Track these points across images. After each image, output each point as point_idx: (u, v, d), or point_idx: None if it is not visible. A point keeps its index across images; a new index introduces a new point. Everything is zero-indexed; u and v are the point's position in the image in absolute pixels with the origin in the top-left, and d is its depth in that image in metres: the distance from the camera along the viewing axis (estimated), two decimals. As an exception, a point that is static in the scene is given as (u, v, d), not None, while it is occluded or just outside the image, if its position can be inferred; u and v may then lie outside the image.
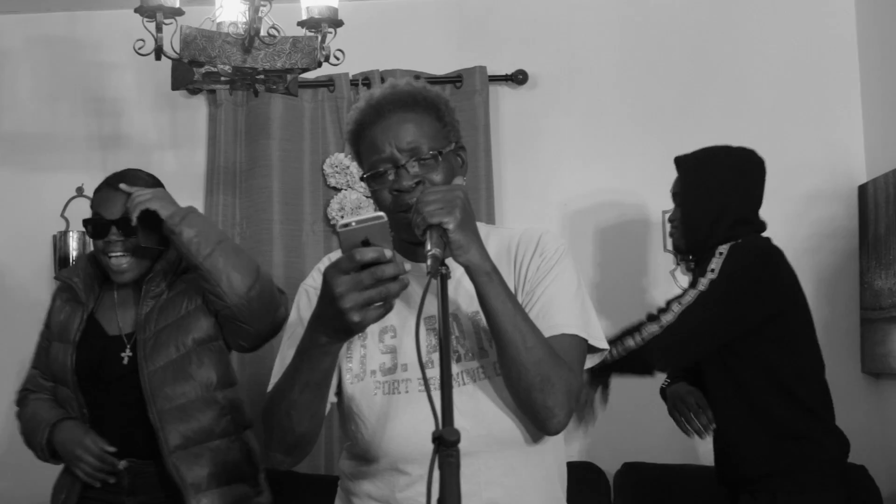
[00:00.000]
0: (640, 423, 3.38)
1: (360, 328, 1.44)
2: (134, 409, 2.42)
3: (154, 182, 2.52)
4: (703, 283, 2.45)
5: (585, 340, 1.69)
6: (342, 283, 1.39)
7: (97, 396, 2.47)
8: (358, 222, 1.38)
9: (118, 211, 2.42)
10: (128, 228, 2.41)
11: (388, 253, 1.38)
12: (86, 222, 2.47)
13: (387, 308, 1.42)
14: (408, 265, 1.41)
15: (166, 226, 2.37)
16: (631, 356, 2.45)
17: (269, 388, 1.71)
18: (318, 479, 3.26)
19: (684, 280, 3.17)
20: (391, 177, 1.67)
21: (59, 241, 3.60)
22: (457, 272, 1.61)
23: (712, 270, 2.45)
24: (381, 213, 1.40)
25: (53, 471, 3.65)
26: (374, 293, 1.39)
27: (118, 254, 2.44)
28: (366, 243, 1.38)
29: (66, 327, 2.53)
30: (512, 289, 1.68)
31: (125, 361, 2.46)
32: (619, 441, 3.37)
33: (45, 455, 2.52)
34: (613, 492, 3.28)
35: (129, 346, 2.46)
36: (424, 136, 1.68)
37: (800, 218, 3.42)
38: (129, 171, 2.54)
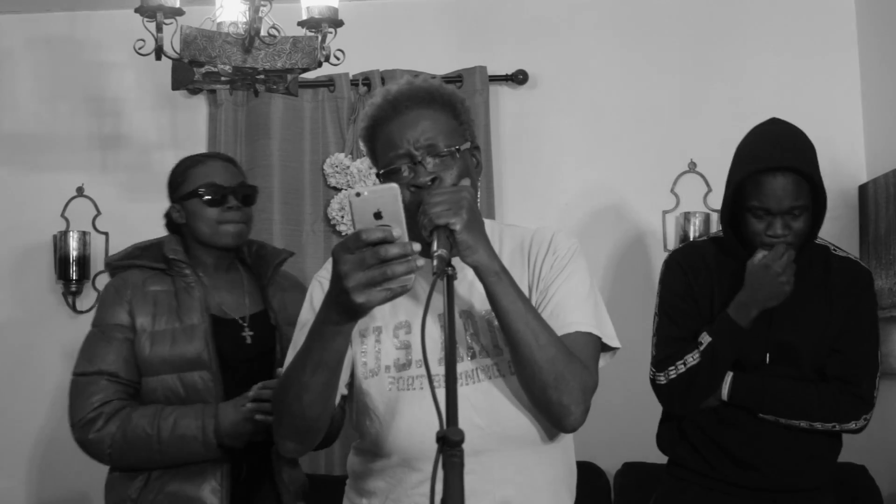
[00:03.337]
0: (640, 423, 3.37)
1: (363, 309, 1.42)
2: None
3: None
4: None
5: (599, 339, 1.69)
6: (347, 261, 1.39)
7: (228, 379, 2.38)
8: (370, 192, 1.37)
9: (234, 179, 2.46)
10: (244, 198, 2.45)
11: (397, 232, 1.37)
12: (202, 192, 2.41)
13: (396, 292, 1.40)
14: (421, 261, 1.41)
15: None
16: None
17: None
18: (319, 479, 3.26)
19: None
20: (407, 173, 1.66)
21: (59, 241, 3.60)
22: (469, 274, 1.61)
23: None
24: (394, 184, 1.40)
25: (54, 472, 3.66)
26: (377, 273, 1.37)
27: (236, 221, 2.44)
28: (377, 215, 1.37)
29: (179, 310, 2.39)
30: (526, 288, 1.69)
31: (249, 342, 2.44)
32: (619, 441, 3.37)
33: (213, 453, 2.30)
34: (613, 492, 3.28)
35: (247, 327, 2.45)
36: (441, 133, 1.68)
37: (800, 218, 3.42)
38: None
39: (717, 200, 3.49)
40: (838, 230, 3.43)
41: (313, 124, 3.60)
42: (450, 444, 1.11)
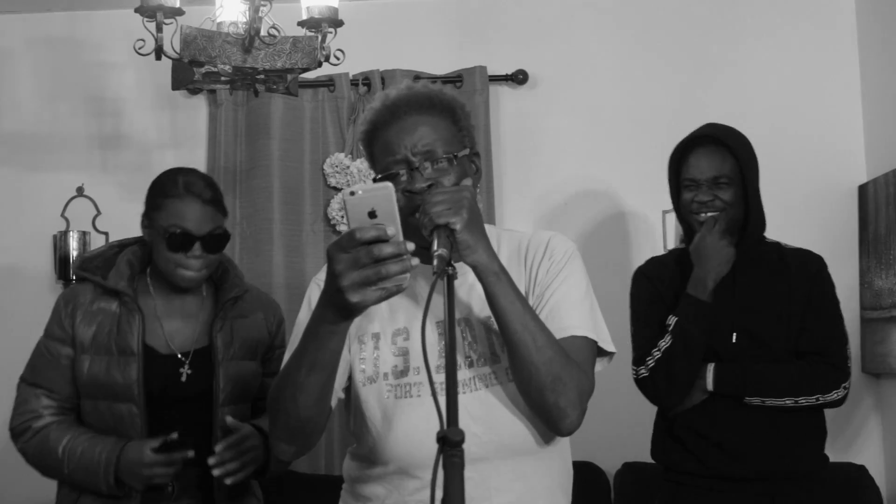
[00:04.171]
0: (640, 423, 3.37)
1: (358, 308, 1.42)
2: (192, 429, 2.30)
3: (215, 188, 2.42)
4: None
5: (595, 342, 1.69)
6: (341, 260, 1.39)
7: (157, 415, 2.32)
8: (364, 191, 1.37)
9: (206, 227, 2.33)
10: (211, 246, 2.35)
11: (391, 230, 1.37)
12: (168, 235, 2.30)
13: (391, 291, 1.40)
14: (416, 260, 1.41)
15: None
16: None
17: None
18: (318, 479, 3.26)
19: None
20: (404, 178, 1.66)
21: (59, 241, 3.60)
22: (470, 276, 1.61)
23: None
24: (388, 183, 1.40)
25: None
26: (371, 272, 1.37)
27: (195, 269, 2.35)
28: (372, 214, 1.37)
29: (118, 337, 2.33)
30: (523, 291, 1.68)
31: (183, 379, 2.36)
32: (619, 441, 3.37)
33: (113, 491, 2.28)
34: (613, 492, 3.28)
35: (187, 364, 2.37)
36: (439, 139, 1.68)
37: (800, 218, 3.42)
38: (200, 174, 2.44)
39: (717, 200, 3.50)
40: (838, 230, 3.43)
41: (313, 124, 3.60)
42: (450, 444, 1.11)
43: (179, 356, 2.38)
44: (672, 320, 2.43)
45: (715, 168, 2.46)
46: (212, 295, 2.48)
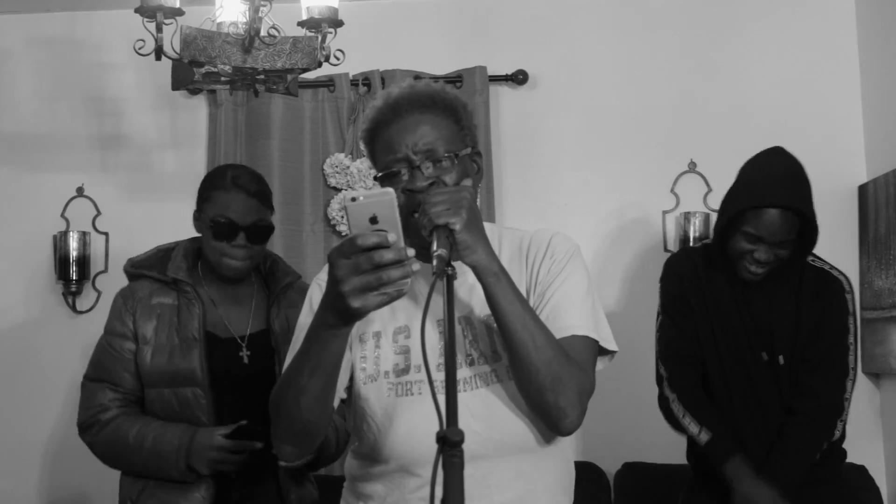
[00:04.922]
0: (640, 423, 3.38)
1: (360, 314, 1.42)
2: (253, 413, 2.34)
3: (263, 183, 2.52)
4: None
5: (597, 342, 1.68)
6: (342, 266, 1.39)
7: (221, 398, 2.42)
8: (366, 197, 1.37)
9: (250, 218, 2.43)
10: (255, 237, 2.45)
11: (392, 237, 1.37)
12: (213, 224, 2.41)
13: (392, 296, 1.40)
14: (417, 265, 1.41)
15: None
16: None
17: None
18: (318, 479, 3.25)
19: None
20: (405, 177, 1.66)
21: (59, 241, 3.60)
22: (470, 277, 1.61)
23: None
24: (390, 189, 1.40)
25: (53, 472, 3.66)
26: (372, 278, 1.37)
27: (239, 259, 2.45)
28: (373, 220, 1.37)
29: (178, 326, 2.43)
30: (524, 290, 1.68)
31: (245, 361, 2.46)
32: (619, 441, 3.37)
33: (184, 475, 2.35)
34: (613, 492, 3.28)
35: (245, 346, 2.47)
36: (441, 138, 1.67)
37: (800, 218, 3.42)
38: (249, 170, 2.57)
39: (717, 200, 3.48)
40: (838, 230, 3.43)
41: (313, 124, 3.60)
42: (450, 444, 1.10)
43: (238, 340, 2.48)
44: (703, 439, 2.49)
45: (784, 233, 2.46)
46: (262, 285, 2.58)
